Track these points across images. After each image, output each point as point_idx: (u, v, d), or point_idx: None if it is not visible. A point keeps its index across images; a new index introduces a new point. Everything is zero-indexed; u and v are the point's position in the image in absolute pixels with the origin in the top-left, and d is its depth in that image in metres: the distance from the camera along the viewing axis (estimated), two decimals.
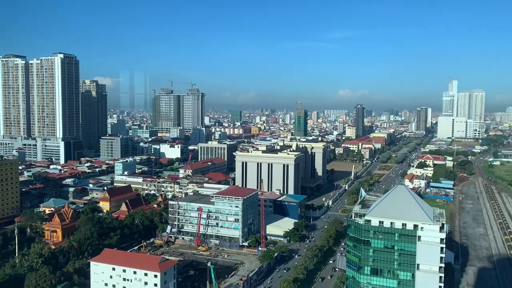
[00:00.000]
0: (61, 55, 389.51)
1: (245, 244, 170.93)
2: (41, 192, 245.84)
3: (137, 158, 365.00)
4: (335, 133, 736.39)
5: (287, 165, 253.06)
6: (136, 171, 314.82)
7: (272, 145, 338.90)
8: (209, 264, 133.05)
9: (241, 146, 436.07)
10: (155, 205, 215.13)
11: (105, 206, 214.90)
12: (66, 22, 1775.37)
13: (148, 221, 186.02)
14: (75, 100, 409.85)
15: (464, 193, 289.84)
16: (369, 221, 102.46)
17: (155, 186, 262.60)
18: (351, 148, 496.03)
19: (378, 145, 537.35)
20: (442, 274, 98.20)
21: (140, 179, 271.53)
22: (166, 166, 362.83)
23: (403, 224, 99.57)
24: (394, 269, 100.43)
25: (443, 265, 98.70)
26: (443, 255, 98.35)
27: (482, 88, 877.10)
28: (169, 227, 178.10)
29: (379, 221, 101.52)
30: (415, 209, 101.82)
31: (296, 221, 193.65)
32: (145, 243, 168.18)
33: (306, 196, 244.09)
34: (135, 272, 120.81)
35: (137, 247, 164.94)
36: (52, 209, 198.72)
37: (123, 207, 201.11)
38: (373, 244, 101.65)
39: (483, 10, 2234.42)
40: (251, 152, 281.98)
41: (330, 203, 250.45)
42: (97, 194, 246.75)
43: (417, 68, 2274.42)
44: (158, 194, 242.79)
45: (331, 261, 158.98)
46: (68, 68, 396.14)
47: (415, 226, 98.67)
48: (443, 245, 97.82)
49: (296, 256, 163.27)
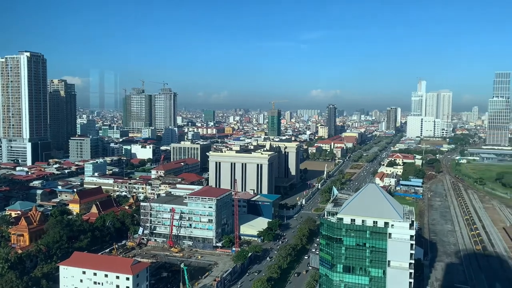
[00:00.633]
0: (27, 54, 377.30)
1: (219, 245, 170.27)
2: (7, 195, 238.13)
3: (108, 159, 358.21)
4: (308, 133, 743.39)
5: (261, 165, 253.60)
6: (107, 172, 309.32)
7: (246, 145, 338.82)
8: (182, 266, 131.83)
9: (215, 146, 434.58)
10: (127, 207, 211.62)
11: (75, 209, 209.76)
12: (34, 20, 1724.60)
13: (120, 223, 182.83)
14: (43, 100, 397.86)
15: (433, 191, 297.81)
16: (341, 219, 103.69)
17: (127, 188, 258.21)
18: (324, 148, 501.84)
19: (350, 145, 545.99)
20: (412, 270, 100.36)
21: (111, 181, 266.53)
22: (138, 167, 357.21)
23: (374, 222, 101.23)
24: (366, 266, 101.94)
25: (413, 261, 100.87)
26: (413, 252, 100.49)
27: (449, 89, 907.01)
28: (141, 229, 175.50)
29: (351, 219, 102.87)
30: (386, 207, 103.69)
31: (270, 221, 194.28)
32: (117, 246, 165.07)
33: (280, 196, 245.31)
34: (107, 275, 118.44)
35: (109, 250, 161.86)
36: (19, 212, 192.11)
37: (94, 209, 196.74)
38: (345, 242, 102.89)
39: (450, 13, 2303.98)
40: (225, 152, 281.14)
41: (304, 202, 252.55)
42: (66, 196, 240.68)
43: (387, 69, 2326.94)
44: (130, 196, 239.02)
45: (306, 257, 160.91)
46: (35, 67, 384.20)
47: (386, 224, 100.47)
48: (413, 242, 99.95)
49: (270, 256, 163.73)
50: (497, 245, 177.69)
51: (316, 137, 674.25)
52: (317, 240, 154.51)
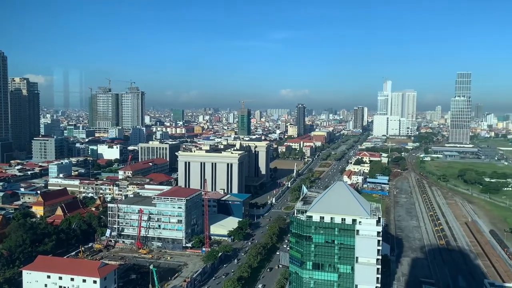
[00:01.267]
0: None
1: (189, 245, 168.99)
2: None
3: (73, 160, 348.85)
4: (278, 132, 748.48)
5: (231, 164, 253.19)
6: (72, 174, 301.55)
7: (216, 145, 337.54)
8: (151, 267, 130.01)
9: (184, 146, 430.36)
10: (93, 208, 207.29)
11: (39, 211, 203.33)
12: None
13: (86, 225, 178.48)
14: (3, 99, 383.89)
15: (398, 188, 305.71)
16: (311, 217, 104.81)
17: (93, 189, 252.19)
18: (293, 146, 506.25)
19: (319, 143, 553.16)
20: (379, 266, 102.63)
21: (77, 182, 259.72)
22: (105, 168, 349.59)
23: (343, 219, 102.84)
24: (335, 263, 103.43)
25: (380, 257, 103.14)
26: (380, 248, 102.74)
27: (414, 88, 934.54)
28: (109, 231, 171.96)
29: (320, 217, 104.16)
30: (354, 204, 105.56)
31: (240, 220, 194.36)
32: (83, 248, 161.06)
33: (250, 195, 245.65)
34: (73, 279, 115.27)
35: (75, 253, 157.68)
36: None
37: (59, 211, 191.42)
38: (315, 240, 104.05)
39: (414, 15, 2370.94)
40: (194, 152, 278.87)
41: (274, 201, 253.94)
42: (30, 199, 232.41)
43: (354, 69, 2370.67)
44: (97, 197, 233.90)
45: (278, 252, 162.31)
46: None
47: (354, 221, 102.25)
48: (380, 238, 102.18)
49: (241, 255, 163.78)
50: (460, 240, 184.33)
51: (286, 136, 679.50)
52: (287, 238, 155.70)
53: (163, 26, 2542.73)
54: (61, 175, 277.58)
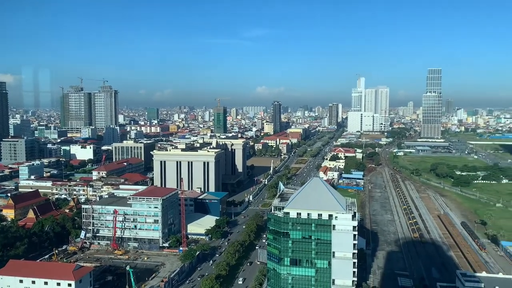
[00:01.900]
0: None
1: (166, 245, 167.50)
2: None
3: (45, 161, 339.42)
4: (254, 129, 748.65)
5: (208, 163, 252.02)
6: (44, 175, 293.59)
7: (192, 143, 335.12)
8: (128, 268, 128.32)
9: (159, 145, 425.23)
10: (67, 210, 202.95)
11: (10, 214, 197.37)
12: None
13: (60, 228, 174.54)
14: None
15: (373, 183, 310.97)
16: (288, 214, 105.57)
17: (66, 190, 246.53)
18: (270, 144, 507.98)
19: (295, 140, 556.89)
20: (356, 260, 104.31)
21: (49, 183, 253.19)
22: (78, 168, 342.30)
23: (319, 215, 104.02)
24: (312, 258, 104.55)
25: (356, 251, 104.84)
26: (356, 242, 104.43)
27: (387, 85, 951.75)
28: (83, 233, 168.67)
29: (297, 213, 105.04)
30: (330, 200, 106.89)
31: (218, 218, 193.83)
32: (57, 251, 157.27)
33: (227, 193, 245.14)
34: (46, 283, 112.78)
35: (48, 256, 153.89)
36: None
37: (31, 214, 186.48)
38: (292, 236, 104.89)
39: (386, 13, 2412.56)
40: (170, 151, 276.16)
41: (251, 198, 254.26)
42: None
43: (329, 66, 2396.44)
44: (70, 199, 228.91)
45: (257, 247, 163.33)
46: None
47: (330, 216, 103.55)
48: (356, 233, 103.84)
49: (218, 254, 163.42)
50: (433, 232, 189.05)
51: (262, 134, 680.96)
52: (265, 235, 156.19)
53: (137, 24, 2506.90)
54: (33, 177, 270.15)
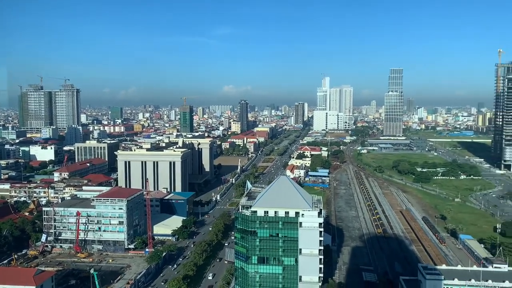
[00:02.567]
0: None
1: (131, 247, 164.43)
2: None
3: (3, 162, 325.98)
4: (221, 128, 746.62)
5: (174, 162, 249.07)
6: (2, 177, 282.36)
7: (157, 143, 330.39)
8: (92, 271, 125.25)
9: (124, 145, 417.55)
10: (27, 213, 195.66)
11: None
12: None
13: (19, 231, 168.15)
14: None
15: (338, 180, 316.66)
16: (255, 212, 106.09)
17: (26, 192, 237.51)
18: (237, 143, 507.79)
19: (262, 139, 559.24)
20: (322, 256, 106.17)
21: (7, 186, 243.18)
22: (38, 170, 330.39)
23: (286, 212, 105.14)
24: (279, 256, 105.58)
25: (322, 248, 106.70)
26: (322, 238, 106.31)
27: (350, 84, 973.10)
28: (44, 236, 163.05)
29: (264, 211, 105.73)
30: (296, 198, 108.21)
31: (185, 219, 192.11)
32: (16, 256, 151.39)
33: (194, 193, 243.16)
34: None
35: (7, 261, 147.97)
36: None
37: None
38: (260, 234, 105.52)
39: (348, 13, 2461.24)
40: (135, 151, 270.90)
41: (218, 198, 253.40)
42: None
43: (295, 66, 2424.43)
44: (30, 201, 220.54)
45: (226, 245, 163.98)
46: None
47: (297, 213, 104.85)
48: (322, 229, 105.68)
49: (185, 254, 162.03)
50: (395, 227, 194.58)
51: (229, 133, 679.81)
52: (233, 234, 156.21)
53: (100, 20, 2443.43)
54: None
